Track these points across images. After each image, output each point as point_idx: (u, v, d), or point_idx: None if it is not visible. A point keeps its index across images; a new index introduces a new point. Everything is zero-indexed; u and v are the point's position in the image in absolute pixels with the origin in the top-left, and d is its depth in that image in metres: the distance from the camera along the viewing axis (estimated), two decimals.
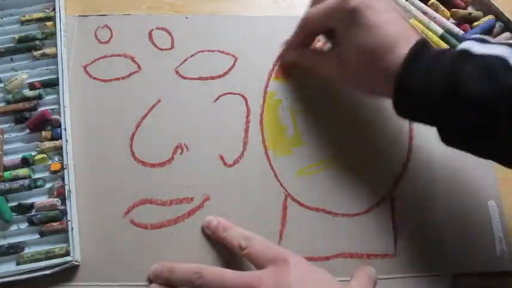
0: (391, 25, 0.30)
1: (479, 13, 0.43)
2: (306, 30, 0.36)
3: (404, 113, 0.30)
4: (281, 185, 0.36)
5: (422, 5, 0.43)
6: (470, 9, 0.44)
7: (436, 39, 0.41)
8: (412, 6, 0.43)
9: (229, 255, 0.33)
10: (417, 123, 0.31)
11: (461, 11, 0.43)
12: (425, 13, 0.42)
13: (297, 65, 0.39)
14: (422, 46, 0.29)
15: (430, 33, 0.41)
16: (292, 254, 0.30)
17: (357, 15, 0.30)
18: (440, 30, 0.41)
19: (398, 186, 0.36)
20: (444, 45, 0.41)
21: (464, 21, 0.43)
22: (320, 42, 0.39)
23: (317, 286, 0.29)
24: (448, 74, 0.27)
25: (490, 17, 0.42)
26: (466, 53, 0.27)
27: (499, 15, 0.43)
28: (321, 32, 0.37)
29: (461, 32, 0.41)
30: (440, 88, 0.27)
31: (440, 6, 0.43)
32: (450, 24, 0.42)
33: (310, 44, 0.38)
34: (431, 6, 0.43)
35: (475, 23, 0.42)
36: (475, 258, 0.34)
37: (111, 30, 0.41)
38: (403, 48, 0.29)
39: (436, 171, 0.37)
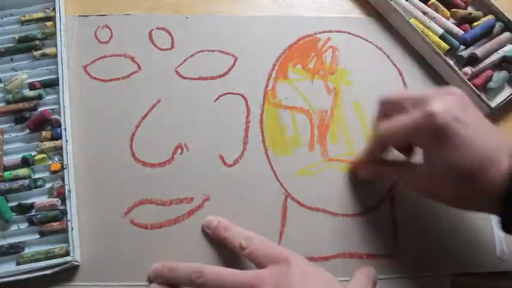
0: (484, 138, 0.28)
1: (479, 13, 0.43)
2: (383, 147, 0.33)
3: None
4: (281, 185, 0.36)
5: (422, 5, 0.43)
6: (470, 9, 0.44)
7: (436, 39, 0.41)
8: (412, 6, 0.43)
9: (229, 255, 0.33)
10: None
11: (461, 11, 0.43)
12: (425, 13, 0.42)
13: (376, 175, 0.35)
14: None
15: (430, 33, 0.41)
16: (294, 253, 0.30)
17: (447, 133, 0.27)
18: (440, 30, 0.41)
19: (398, 186, 0.36)
20: (444, 45, 0.41)
21: (465, 21, 0.43)
22: None
23: (318, 285, 0.29)
24: None
25: (490, 17, 0.42)
26: None
27: (499, 15, 0.43)
28: (398, 147, 0.34)
29: (461, 32, 0.41)
30: None
31: (440, 6, 0.43)
32: (450, 24, 0.42)
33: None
34: (432, 6, 0.43)
35: (475, 23, 0.42)
36: (475, 258, 0.34)
37: (111, 30, 0.41)
38: (504, 162, 0.27)
39: None
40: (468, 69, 0.40)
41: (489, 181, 0.27)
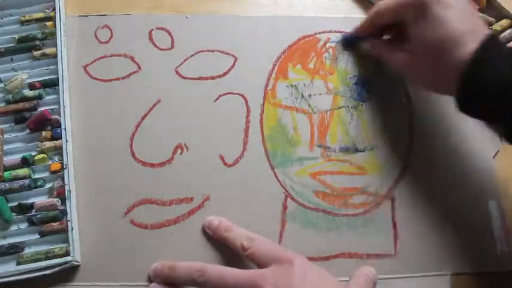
0: (459, 19, 0.30)
1: (492, 20, 0.43)
2: (375, 23, 0.37)
3: (468, 109, 0.31)
4: (281, 185, 0.36)
5: None
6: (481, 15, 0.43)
7: None
8: None
9: (230, 255, 0.33)
10: (478, 119, 0.31)
11: None
12: None
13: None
14: (491, 42, 0.29)
15: None
16: (296, 254, 0.30)
17: (426, 9, 0.31)
18: None
19: (398, 186, 0.36)
20: None
21: None
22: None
23: (319, 286, 0.29)
24: None
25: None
26: None
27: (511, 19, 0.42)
28: (388, 26, 0.37)
29: None
30: (510, 85, 0.27)
31: None
32: None
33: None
34: None
35: (496, 27, 0.42)
36: (475, 258, 0.34)
37: (111, 30, 0.41)
38: (471, 43, 0.29)
39: (436, 172, 0.37)
40: None
41: (457, 57, 0.29)
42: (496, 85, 0.28)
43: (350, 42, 0.41)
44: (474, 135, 0.39)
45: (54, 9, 0.41)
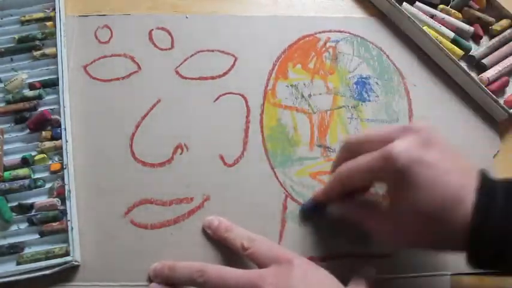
0: (448, 174, 0.26)
1: (492, 19, 0.43)
2: (345, 187, 0.31)
3: (482, 265, 0.27)
4: (281, 185, 0.36)
5: (429, 8, 0.43)
6: (481, 14, 0.43)
7: (449, 45, 0.41)
8: (421, 13, 0.42)
9: (230, 255, 0.33)
10: (494, 270, 0.28)
11: (472, 11, 0.43)
12: (433, 16, 0.42)
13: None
14: (487, 189, 0.26)
15: (444, 39, 0.41)
16: (296, 255, 0.30)
17: (407, 174, 0.26)
18: (451, 34, 0.41)
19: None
20: (458, 50, 0.40)
21: (476, 22, 0.43)
22: None
23: (319, 286, 0.29)
24: None
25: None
26: None
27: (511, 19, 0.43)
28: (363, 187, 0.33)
29: (471, 30, 0.41)
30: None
31: (451, 9, 0.43)
32: (461, 23, 0.42)
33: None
34: (443, 11, 0.43)
35: (496, 27, 0.42)
36: None
37: (111, 30, 0.41)
38: (469, 199, 0.26)
39: None
40: (485, 77, 0.39)
41: (457, 218, 0.26)
42: (506, 235, 0.25)
43: (313, 211, 0.35)
44: (474, 135, 0.39)
45: (54, 9, 0.41)
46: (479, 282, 0.34)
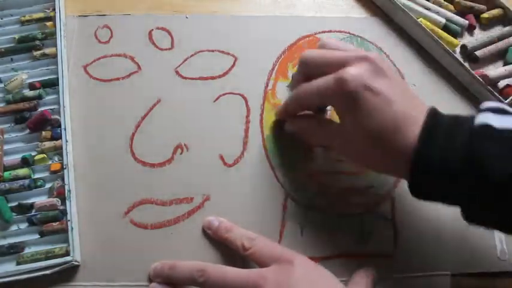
0: (394, 103, 0.28)
1: (483, 7, 0.43)
2: (300, 106, 0.34)
3: (420, 193, 0.29)
4: (281, 185, 0.36)
5: (423, 1, 0.43)
6: (472, 4, 0.44)
7: (446, 35, 0.41)
8: (415, 4, 0.43)
9: (230, 254, 0.33)
10: (430, 202, 0.29)
11: (463, 2, 0.43)
12: (427, 9, 0.43)
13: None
14: (433, 120, 0.28)
15: (435, 28, 0.41)
16: (297, 254, 0.30)
17: (356, 98, 0.28)
18: (443, 20, 0.42)
19: (398, 186, 0.36)
20: (450, 38, 0.41)
21: (469, 12, 0.43)
22: None
23: (319, 285, 0.29)
24: (468, 152, 0.26)
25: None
26: (486, 128, 0.26)
27: (505, 11, 0.43)
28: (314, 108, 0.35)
29: (465, 22, 0.42)
30: (459, 167, 0.26)
31: (443, 1, 0.43)
32: (454, 15, 0.42)
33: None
34: (435, 2, 0.43)
35: (484, 15, 0.43)
36: (475, 258, 0.34)
37: (111, 30, 0.41)
38: (413, 127, 0.28)
39: None
40: (482, 71, 0.40)
41: (400, 143, 0.28)
42: (445, 167, 0.26)
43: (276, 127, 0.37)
44: None
45: (54, 9, 0.41)
46: (479, 282, 0.34)
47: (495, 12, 0.43)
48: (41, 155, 0.35)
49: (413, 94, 0.30)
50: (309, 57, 0.32)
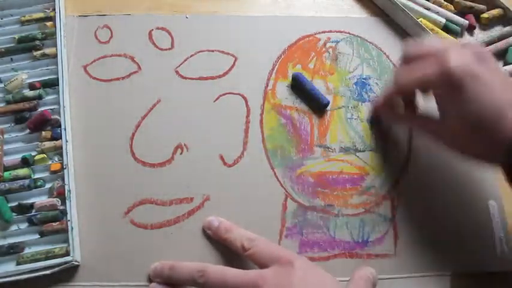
0: (496, 92, 0.29)
1: (483, 7, 0.43)
2: (401, 94, 0.35)
3: None
4: (281, 185, 0.36)
5: (423, 1, 0.43)
6: (475, 4, 0.44)
7: (442, 33, 0.42)
8: (415, 4, 0.43)
9: (230, 255, 0.33)
10: None
11: (463, 2, 0.43)
12: (427, 9, 0.43)
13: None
14: None
15: (435, 28, 0.42)
16: (297, 255, 0.30)
17: (461, 87, 0.29)
18: (443, 20, 0.42)
19: (398, 186, 0.36)
20: (450, 38, 0.41)
21: (468, 12, 0.43)
22: None
23: (319, 286, 0.29)
24: None
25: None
26: None
27: (505, 10, 0.43)
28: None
29: (465, 22, 0.42)
30: None
31: (443, 1, 0.43)
32: (454, 15, 0.43)
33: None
34: (435, 2, 0.43)
35: (484, 15, 0.43)
36: (475, 258, 0.34)
37: (111, 30, 0.41)
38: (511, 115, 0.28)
39: (436, 172, 0.37)
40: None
41: (500, 131, 0.28)
42: None
43: (376, 121, 0.39)
44: None
45: (54, 9, 0.41)
46: (479, 282, 0.34)
47: (495, 12, 0.43)
48: (41, 155, 0.35)
49: (509, 77, 0.31)
50: (409, 48, 0.33)
